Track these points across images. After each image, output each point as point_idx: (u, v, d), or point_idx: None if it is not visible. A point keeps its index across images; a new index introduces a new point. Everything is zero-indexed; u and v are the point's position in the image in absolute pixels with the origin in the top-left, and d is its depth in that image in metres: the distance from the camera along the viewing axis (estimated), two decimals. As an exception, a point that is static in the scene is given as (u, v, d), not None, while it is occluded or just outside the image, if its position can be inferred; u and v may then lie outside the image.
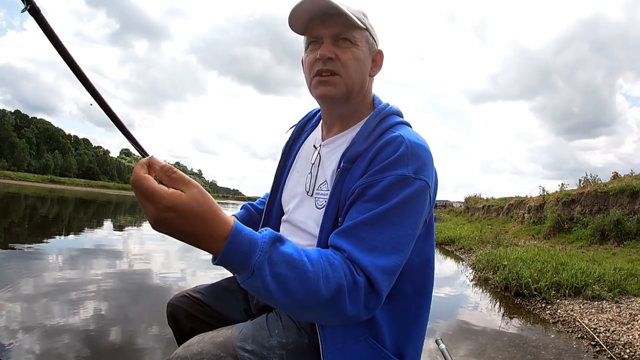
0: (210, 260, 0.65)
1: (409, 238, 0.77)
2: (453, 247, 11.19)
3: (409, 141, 0.81)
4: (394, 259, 0.74)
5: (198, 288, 1.14)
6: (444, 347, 1.62)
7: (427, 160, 0.82)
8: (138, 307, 3.63)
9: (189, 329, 1.06)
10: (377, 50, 0.95)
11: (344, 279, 0.68)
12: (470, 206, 25.00)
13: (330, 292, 0.66)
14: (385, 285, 0.73)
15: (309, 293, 0.65)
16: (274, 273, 0.63)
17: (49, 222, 10.82)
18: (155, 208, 0.56)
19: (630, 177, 10.98)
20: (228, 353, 0.80)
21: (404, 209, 0.76)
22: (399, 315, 0.86)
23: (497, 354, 3.17)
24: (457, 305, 4.93)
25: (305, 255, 0.67)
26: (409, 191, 0.77)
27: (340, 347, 0.81)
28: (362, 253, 0.72)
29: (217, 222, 0.60)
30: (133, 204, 25.87)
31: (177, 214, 0.57)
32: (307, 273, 0.65)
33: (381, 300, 0.73)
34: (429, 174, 0.81)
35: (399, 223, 0.76)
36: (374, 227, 0.74)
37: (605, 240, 8.84)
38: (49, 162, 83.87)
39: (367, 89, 0.95)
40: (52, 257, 5.53)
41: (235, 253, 0.61)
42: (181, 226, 0.58)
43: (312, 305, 0.66)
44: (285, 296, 0.64)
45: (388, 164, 0.79)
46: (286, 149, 1.09)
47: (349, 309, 0.69)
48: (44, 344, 2.52)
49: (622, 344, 3.33)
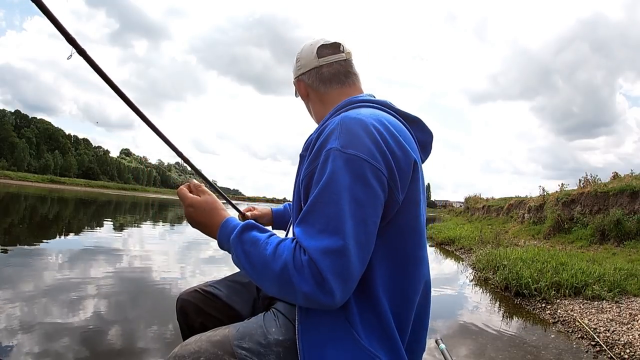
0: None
1: (348, 215, 0.74)
2: (453, 247, 11.19)
3: (344, 116, 0.82)
4: (334, 240, 0.73)
5: (209, 282, 1.17)
6: (444, 347, 1.62)
7: (360, 133, 0.79)
8: (138, 307, 3.63)
9: (198, 324, 1.08)
10: (296, 81, 1.09)
11: (291, 257, 0.76)
12: (470, 206, 25.02)
13: (279, 267, 0.76)
14: (327, 265, 0.72)
15: (265, 266, 0.77)
16: (243, 250, 0.81)
17: (49, 222, 10.82)
18: (185, 205, 0.91)
19: (630, 177, 10.98)
20: (225, 351, 0.81)
21: (335, 184, 0.75)
22: (370, 310, 0.83)
23: (497, 354, 3.17)
24: (457, 305, 4.93)
25: (271, 240, 0.80)
26: (336, 165, 0.76)
27: (315, 330, 0.81)
28: (306, 237, 0.76)
29: (217, 215, 0.89)
30: (133, 204, 25.87)
31: (194, 209, 0.89)
32: (264, 251, 0.78)
33: (330, 281, 0.72)
34: (364, 147, 0.77)
35: (333, 201, 0.75)
36: (313, 211, 0.78)
37: (605, 240, 8.84)
38: (49, 162, 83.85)
39: (328, 103, 1.03)
40: (52, 257, 5.53)
41: (224, 235, 0.85)
42: (197, 217, 0.89)
43: (269, 278, 0.77)
44: (250, 268, 0.80)
45: (320, 144, 0.82)
46: None
47: (301, 286, 0.74)
48: (44, 344, 2.52)
49: (622, 344, 3.33)
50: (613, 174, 12.41)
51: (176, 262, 6.21)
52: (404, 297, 0.86)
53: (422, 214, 0.89)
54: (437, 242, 12.61)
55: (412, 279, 0.87)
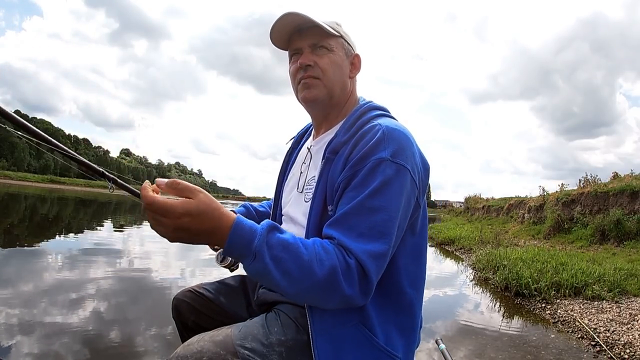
0: (213, 259, 0.69)
1: (392, 222, 0.79)
2: (453, 247, 11.18)
3: (385, 127, 0.85)
4: (380, 244, 0.77)
5: (203, 284, 1.18)
6: (444, 347, 1.62)
7: (405, 144, 0.84)
8: (138, 307, 3.63)
9: (192, 322, 1.10)
10: (355, 54, 1.03)
11: (336, 261, 0.73)
12: (470, 206, 25.01)
13: (324, 272, 0.72)
14: (374, 269, 0.76)
15: (304, 273, 0.71)
16: (272, 255, 0.70)
17: (49, 222, 10.82)
18: (172, 218, 0.65)
19: (630, 177, 10.98)
20: (228, 351, 0.81)
21: (385, 192, 0.79)
22: (390, 306, 0.88)
23: (497, 354, 3.17)
24: (457, 305, 4.93)
25: (300, 242, 0.74)
26: (387, 174, 0.80)
27: (329, 332, 0.83)
28: (350, 240, 0.76)
29: (222, 217, 0.69)
30: (133, 204, 25.85)
31: (191, 217, 0.66)
32: (302, 255, 0.72)
33: (372, 283, 0.76)
34: (408, 158, 0.83)
35: (382, 208, 0.78)
36: (359, 215, 0.78)
37: (605, 240, 8.84)
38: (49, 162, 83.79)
39: (350, 90, 1.02)
40: (52, 257, 5.53)
41: (239, 240, 0.69)
42: (196, 226, 0.67)
43: (308, 285, 0.72)
44: (283, 277, 0.71)
45: (367, 150, 0.83)
46: (286, 158, 1.17)
47: (346, 289, 0.73)
48: (44, 344, 2.52)
49: (622, 344, 3.33)
50: (613, 174, 12.43)
51: (176, 262, 6.21)
52: (419, 289, 0.94)
53: (426, 206, 0.97)
54: (437, 242, 12.60)
55: (423, 269, 0.96)
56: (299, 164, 1.07)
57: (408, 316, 0.90)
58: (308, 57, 0.95)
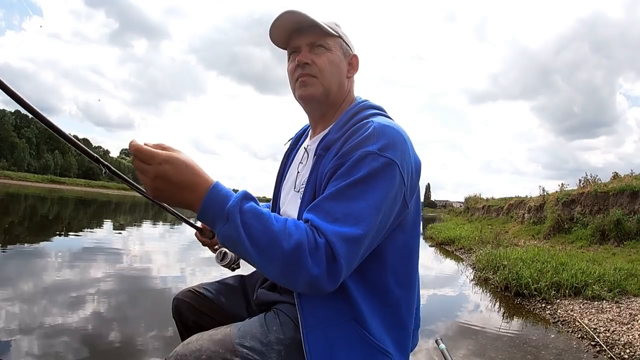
0: (213, 259, 0.68)
1: (372, 211, 0.77)
2: (453, 247, 11.19)
3: (378, 124, 0.86)
4: (354, 229, 0.75)
5: (203, 284, 1.18)
6: (444, 347, 1.62)
7: (397, 140, 0.84)
8: (138, 307, 3.63)
9: (192, 322, 1.10)
10: (353, 55, 1.04)
11: (305, 237, 0.73)
12: (470, 206, 25.02)
13: (291, 245, 0.71)
14: (344, 252, 0.73)
15: (271, 244, 0.71)
16: (243, 221, 0.71)
17: (49, 222, 10.83)
18: (154, 165, 0.69)
19: (630, 177, 10.99)
20: (227, 350, 0.81)
21: (369, 182, 0.78)
22: (380, 303, 0.87)
23: (497, 354, 3.17)
24: (457, 305, 4.94)
25: (273, 216, 0.75)
26: (373, 166, 0.79)
27: (321, 329, 0.83)
28: (324, 222, 0.76)
29: (202, 176, 0.72)
30: (133, 204, 25.87)
31: (172, 166, 0.69)
32: (272, 226, 0.72)
33: (341, 267, 0.73)
34: (398, 154, 0.82)
35: (362, 197, 0.78)
36: (336, 201, 0.78)
37: (605, 240, 8.84)
38: (49, 162, 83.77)
39: (347, 89, 1.03)
40: (51, 257, 5.53)
41: (214, 200, 0.71)
42: (175, 176, 0.69)
43: (273, 255, 0.71)
44: (251, 245, 0.71)
45: (356, 144, 0.83)
46: (284, 159, 1.17)
47: (312, 268, 0.72)
48: (44, 344, 2.52)
49: (622, 344, 3.33)
50: (613, 174, 12.44)
51: (176, 262, 6.22)
52: (408, 288, 0.92)
53: (420, 205, 0.96)
54: (437, 242, 12.61)
55: (414, 268, 0.95)
56: (296, 164, 1.07)
57: (397, 314, 0.89)
58: (306, 55, 0.95)
